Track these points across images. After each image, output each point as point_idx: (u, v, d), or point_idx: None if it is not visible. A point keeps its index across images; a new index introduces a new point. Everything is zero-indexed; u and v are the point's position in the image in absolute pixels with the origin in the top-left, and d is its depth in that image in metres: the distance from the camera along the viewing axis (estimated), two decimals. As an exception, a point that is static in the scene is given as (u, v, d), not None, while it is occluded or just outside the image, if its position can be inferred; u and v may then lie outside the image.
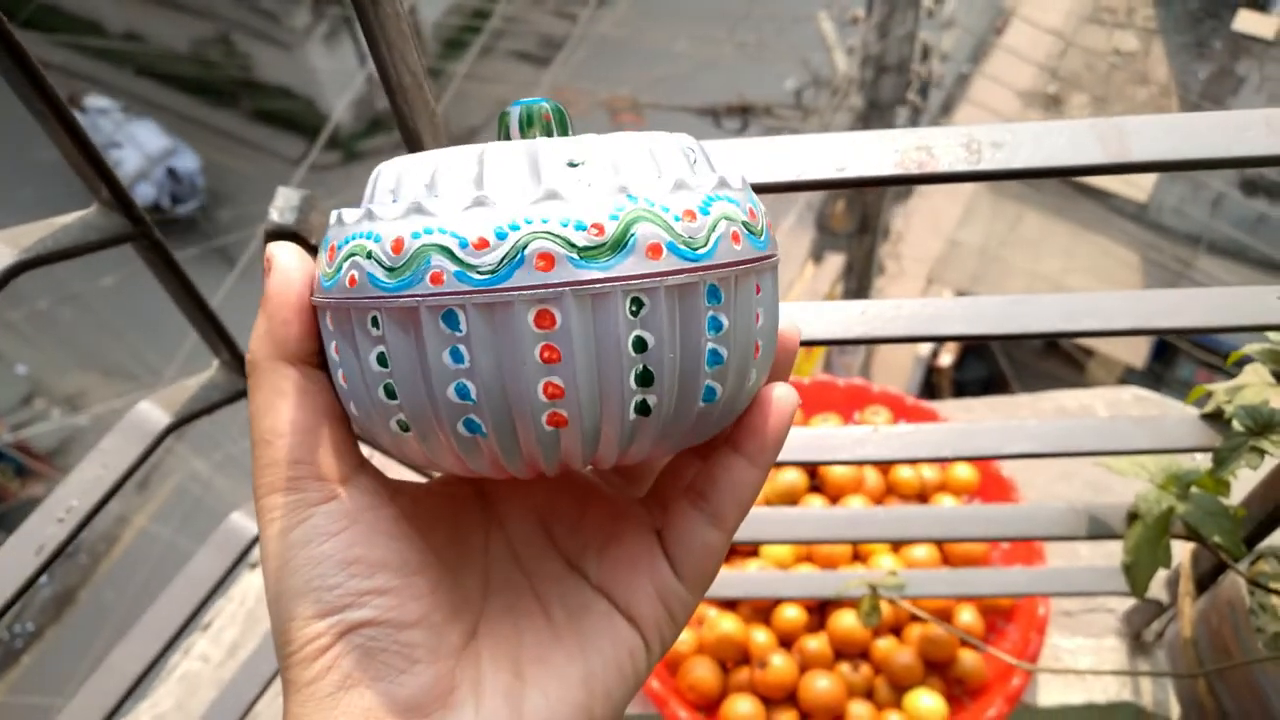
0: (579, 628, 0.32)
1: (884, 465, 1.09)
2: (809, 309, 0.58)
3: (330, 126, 7.07)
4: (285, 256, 0.31)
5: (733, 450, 0.32)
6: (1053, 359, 7.10)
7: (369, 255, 0.27)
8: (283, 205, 0.51)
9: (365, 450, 0.33)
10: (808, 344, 0.55)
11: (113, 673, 0.67)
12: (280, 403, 0.30)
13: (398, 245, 0.27)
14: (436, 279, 0.26)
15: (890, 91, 5.91)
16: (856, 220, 5.86)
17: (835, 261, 6.31)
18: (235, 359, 0.62)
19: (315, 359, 0.31)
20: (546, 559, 0.34)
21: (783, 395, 0.32)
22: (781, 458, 0.76)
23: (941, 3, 6.03)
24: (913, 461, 0.75)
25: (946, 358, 6.86)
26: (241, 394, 0.63)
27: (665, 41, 8.42)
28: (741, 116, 7.19)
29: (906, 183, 0.51)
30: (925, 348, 6.65)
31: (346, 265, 0.28)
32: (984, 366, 7.05)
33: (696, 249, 0.28)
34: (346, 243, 0.28)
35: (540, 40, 8.82)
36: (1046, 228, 7.31)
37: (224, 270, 7.03)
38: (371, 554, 0.30)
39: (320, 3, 8.45)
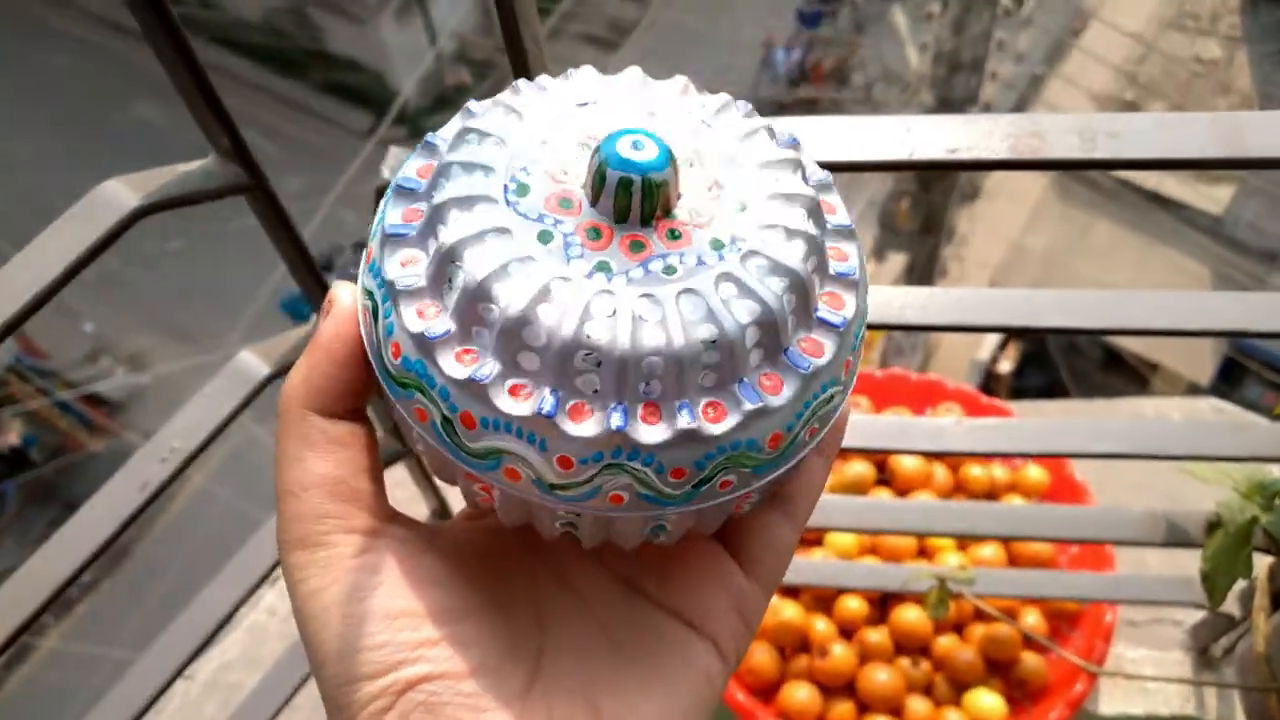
0: (649, 651, 0.30)
1: (960, 459, 1.08)
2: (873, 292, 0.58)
3: (399, 101, 7.15)
4: (346, 300, 0.30)
5: None
6: (1115, 372, 6.97)
7: (437, 412, 0.27)
8: (394, 164, 0.52)
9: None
10: (873, 328, 0.55)
11: (193, 619, 0.69)
12: (308, 455, 0.29)
13: (468, 420, 0.26)
14: (512, 475, 0.27)
15: (962, 89, 5.83)
16: (921, 219, 5.80)
17: (897, 260, 6.24)
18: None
19: (353, 413, 0.30)
20: (602, 583, 0.32)
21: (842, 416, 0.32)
22: (860, 444, 0.76)
23: (1020, 1, 5.93)
24: (996, 456, 0.74)
25: (1006, 364, 6.76)
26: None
27: (734, 30, 8.38)
28: (808, 108, 7.14)
29: (1018, 167, 0.50)
30: (985, 351, 6.56)
31: (412, 392, 0.27)
32: (1043, 375, 6.93)
33: (779, 466, 0.28)
34: (411, 370, 0.27)
35: (610, 24, 8.83)
36: (1116, 237, 7.17)
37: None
38: (416, 604, 0.28)
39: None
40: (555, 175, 0.28)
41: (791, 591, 1.03)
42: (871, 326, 0.58)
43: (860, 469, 1.08)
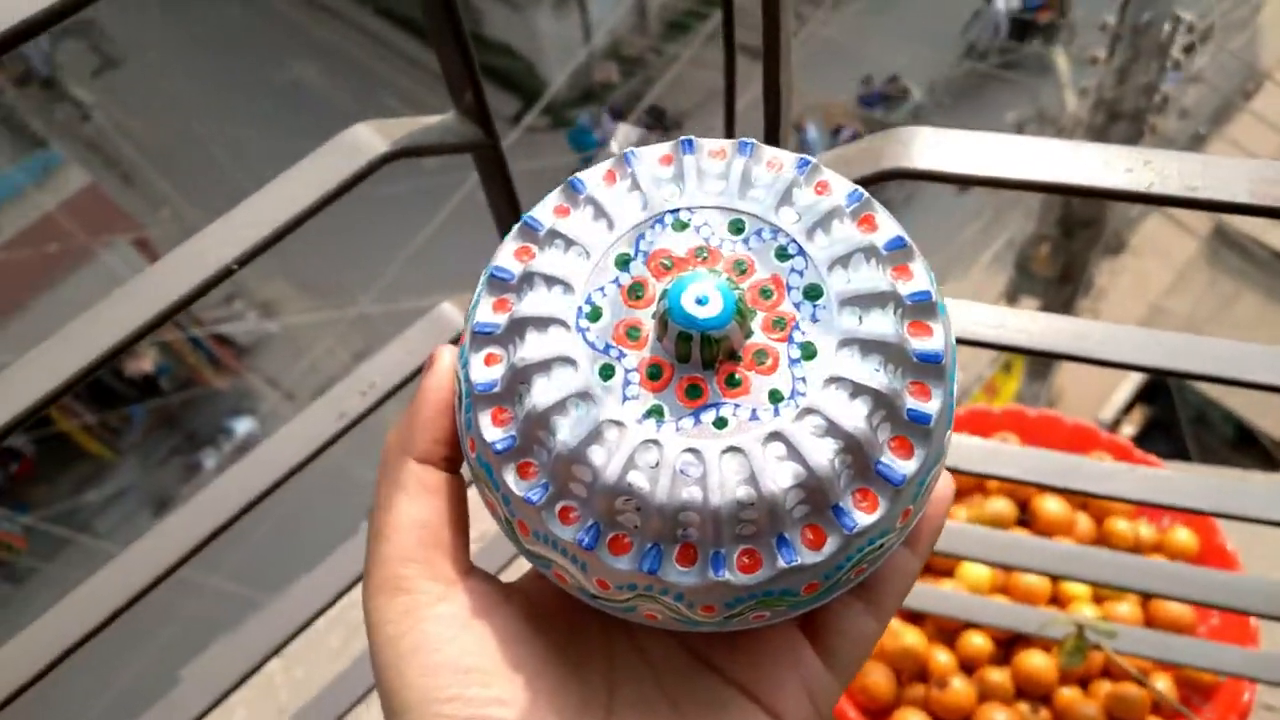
0: None
1: (1106, 511, 1.05)
2: (993, 313, 0.57)
3: (550, 92, 7.29)
4: (446, 360, 0.32)
5: None
6: (1245, 451, 6.63)
7: (500, 512, 0.30)
8: (623, 140, 0.54)
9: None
10: (996, 348, 0.54)
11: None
12: (400, 498, 0.30)
13: (523, 528, 0.29)
14: (560, 578, 0.29)
15: (1118, 140, 5.63)
16: (1060, 267, 5.62)
17: (1029, 306, 6.07)
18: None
19: (445, 463, 0.31)
20: (673, 654, 0.32)
21: (943, 487, 0.32)
22: (1019, 476, 0.74)
23: (1192, 55, 5.70)
24: (1165, 508, 0.72)
25: (1129, 428, 6.51)
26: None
27: (887, 54, 8.26)
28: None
29: (1256, 213, 0.49)
30: (1109, 412, 6.33)
31: (483, 485, 0.30)
32: (1167, 443, 6.64)
33: (818, 603, 0.29)
34: (482, 467, 0.30)
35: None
36: (1264, 311, 6.82)
37: (437, 208, 7.35)
38: (489, 661, 0.28)
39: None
40: (629, 298, 0.29)
41: (915, 618, 1.01)
42: (994, 347, 0.57)
43: (1001, 506, 1.06)
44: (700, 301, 0.27)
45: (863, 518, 0.27)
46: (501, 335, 0.29)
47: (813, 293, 0.28)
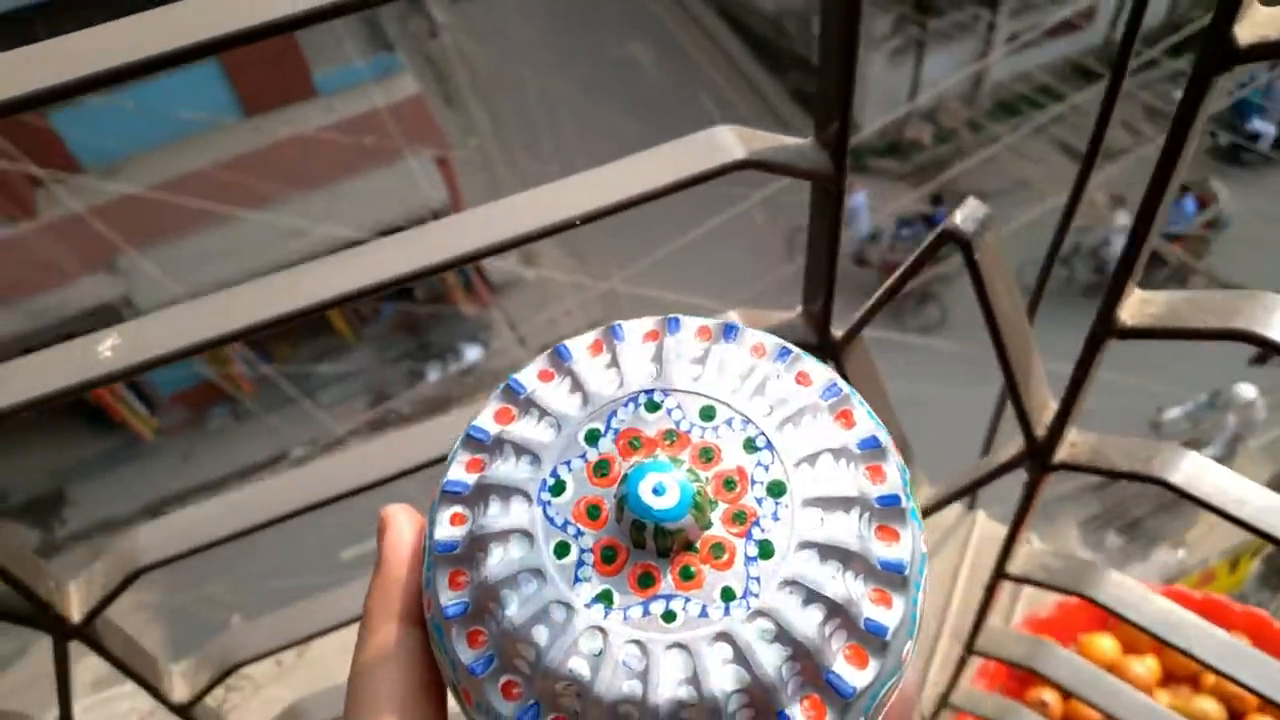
0: None
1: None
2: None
3: (861, 134, 7.26)
4: (400, 519, 0.32)
5: None
6: None
7: (449, 675, 0.29)
8: (968, 214, 0.53)
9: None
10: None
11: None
12: (381, 668, 0.30)
13: (468, 697, 0.28)
14: None
15: None
16: None
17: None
18: (821, 313, 0.66)
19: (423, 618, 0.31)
20: None
21: (906, 695, 0.30)
22: (1257, 685, 0.68)
23: None
24: None
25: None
26: (805, 346, 0.67)
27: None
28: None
29: None
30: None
31: (436, 646, 0.30)
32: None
33: None
34: (435, 629, 0.29)
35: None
36: None
37: (711, 214, 7.50)
38: None
39: (906, 21, 8.60)
40: (594, 475, 0.28)
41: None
42: (1248, 528, 0.52)
43: (1209, 707, 0.97)
44: (657, 491, 0.26)
45: None
46: (469, 496, 0.29)
47: (775, 489, 0.28)
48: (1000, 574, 0.74)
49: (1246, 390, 5.98)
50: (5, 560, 0.51)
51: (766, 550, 0.27)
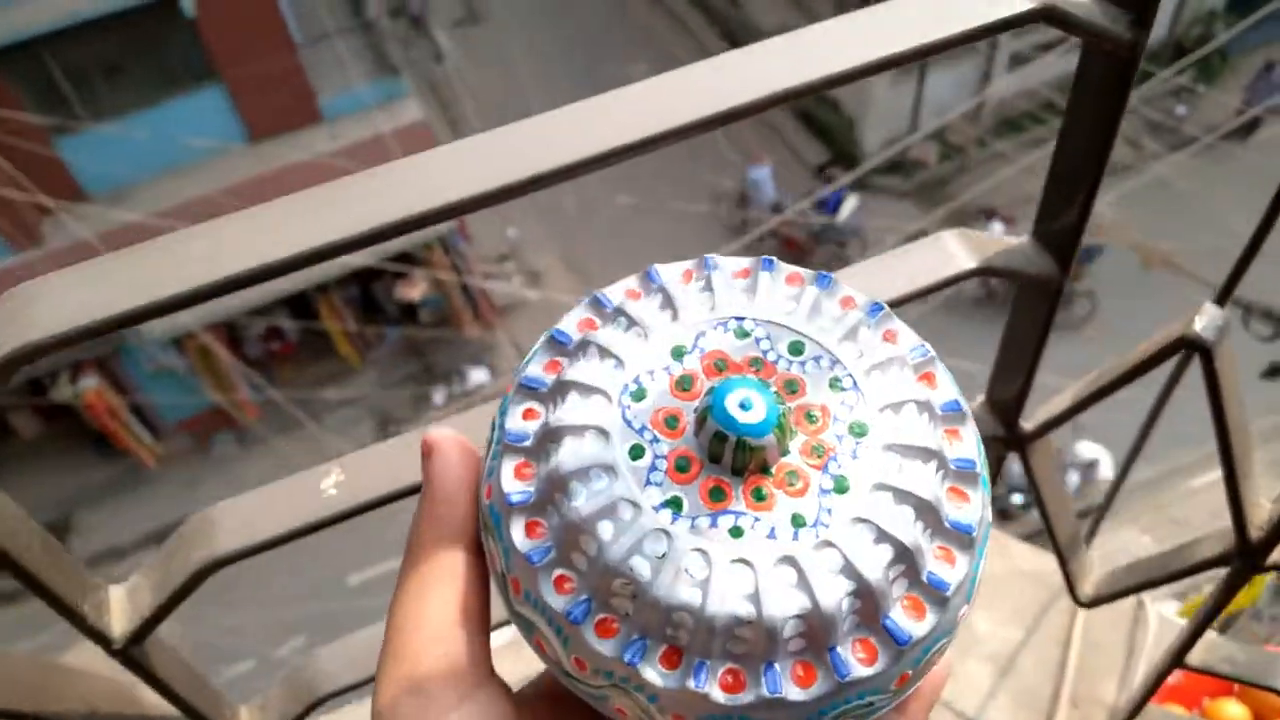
0: None
1: None
2: None
3: (867, 165, 7.28)
4: (446, 441, 0.31)
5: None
6: None
7: (499, 566, 0.28)
8: (1208, 322, 0.51)
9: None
10: None
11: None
12: (431, 592, 0.29)
13: (515, 586, 0.28)
14: (540, 647, 0.28)
15: None
16: None
17: None
18: (1013, 405, 0.64)
19: (476, 545, 0.30)
20: None
21: (942, 667, 0.30)
22: None
23: None
24: None
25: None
26: (990, 437, 0.65)
27: (1229, 209, 7.70)
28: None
29: None
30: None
31: (489, 536, 0.29)
32: None
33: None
34: (492, 516, 0.29)
35: (1096, 159, 8.41)
36: None
37: (726, 240, 7.48)
38: None
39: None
40: (676, 388, 0.28)
41: None
42: None
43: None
44: (744, 406, 0.26)
45: (859, 669, 0.25)
46: (545, 394, 0.29)
47: (858, 429, 0.27)
48: (1178, 664, 0.72)
49: None
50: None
51: (842, 485, 0.27)
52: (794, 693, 0.25)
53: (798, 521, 0.26)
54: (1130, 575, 0.71)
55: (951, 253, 0.51)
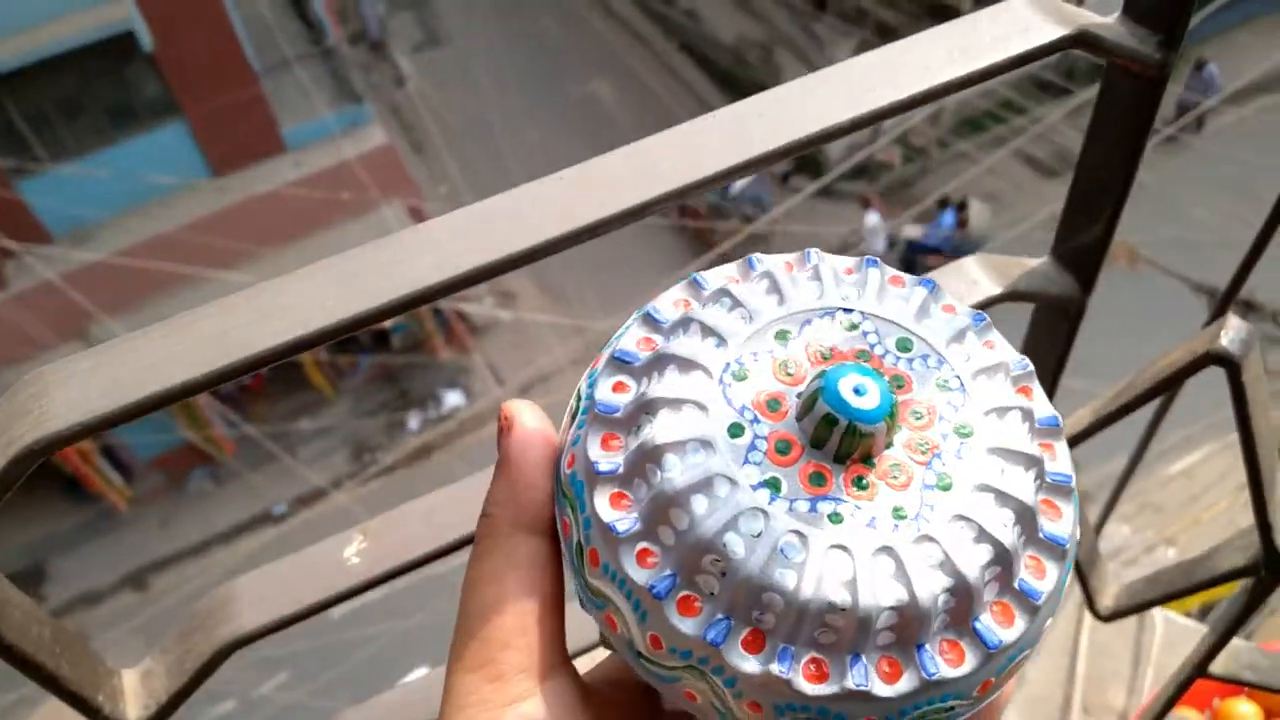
0: None
1: None
2: None
3: (834, 173, 7.33)
4: (526, 416, 0.30)
5: None
6: None
7: (576, 537, 0.28)
8: (1234, 335, 0.51)
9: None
10: None
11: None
12: (510, 576, 0.29)
13: (593, 558, 0.27)
14: (611, 625, 0.27)
15: None
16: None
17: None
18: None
19: (549, 529, 0.30)
20: None
21: (1009, 685, 0.29)
22: None
23: None
24: None
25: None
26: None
27: (1187, 203, 7.82)
28: (1245, 311, 6.51)
29: None
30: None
31: (567, 507, 0.28)
32: None
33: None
34: (573, 486, 0.28)
35: (1057, 154, 8.51)
36: None
37: (700, 253, 7.46)
38: None
39: (867, 47, 8.71)
40: (779, 373, 0.28)
41: None
42: None
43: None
44: (858, 391, 0.26)
45: (946, 668, 0.25)
46: (639, 368, 0.28)
47: (964, 430, 0.27)
48: (1200, 673, 0.71)
49: None
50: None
51: (945, 483, 0.26)
52: (880, 688, 0.25)
53: (898, 514, 0.26)
54: (1151, 588, 0.70)
55: (974, 279, 0.50)
